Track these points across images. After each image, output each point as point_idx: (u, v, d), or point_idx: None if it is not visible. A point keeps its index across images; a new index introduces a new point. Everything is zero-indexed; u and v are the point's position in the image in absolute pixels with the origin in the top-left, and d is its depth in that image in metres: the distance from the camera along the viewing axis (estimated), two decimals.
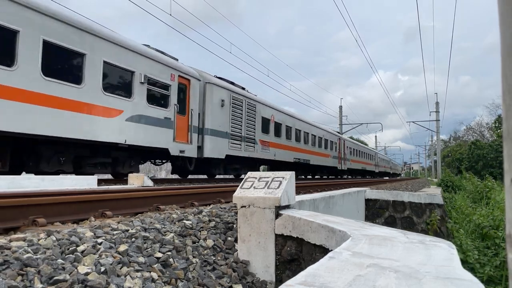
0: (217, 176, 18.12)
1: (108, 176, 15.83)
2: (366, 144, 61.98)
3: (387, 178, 51.90)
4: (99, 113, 9.71)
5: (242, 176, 19.59)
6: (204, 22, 17.34)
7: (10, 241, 2.54)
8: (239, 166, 17.72)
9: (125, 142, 10.49)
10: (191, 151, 13.36)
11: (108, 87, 10.09)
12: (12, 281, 2.03)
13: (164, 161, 14.42)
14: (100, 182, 9.40)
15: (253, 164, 19.09)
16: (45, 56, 8.46)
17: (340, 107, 48.07)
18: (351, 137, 53.89)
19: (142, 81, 11.08)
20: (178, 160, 13.70)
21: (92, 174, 10.21)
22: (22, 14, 7.99)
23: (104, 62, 9.87)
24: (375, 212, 9.39)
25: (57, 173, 9.35)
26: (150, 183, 8.75)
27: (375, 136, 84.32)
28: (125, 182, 9.78)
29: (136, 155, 12.00)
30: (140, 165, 13.23)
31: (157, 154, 13.11)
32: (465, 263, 9.21)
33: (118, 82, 10.53)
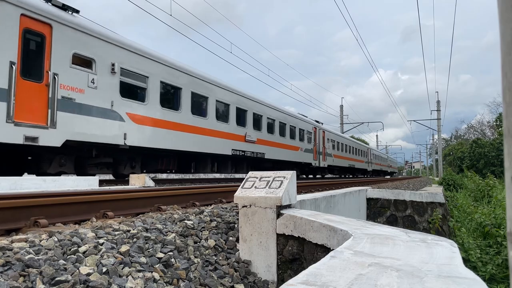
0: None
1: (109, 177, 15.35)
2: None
3: (388, 177, 51.26)
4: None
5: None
6: (204, 22, 17.36)
7: (12, 242, 2.55)
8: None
9: None
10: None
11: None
12: (14, 282, 2.03)
13: None
14: (101, 182, 9.42)
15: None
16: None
17: (341, 106, 48.09)
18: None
19: None
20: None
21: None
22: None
23: None
24: (377, 211, 9.38)
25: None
26: (151, 183, 8.76)
27: (376, 135, 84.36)
28: (127, 182, 9.78)
29: None
30: None
31: None
32: (467, 261, 9.20)
33: None
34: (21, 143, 7.94)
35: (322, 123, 29.77)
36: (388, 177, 52.66)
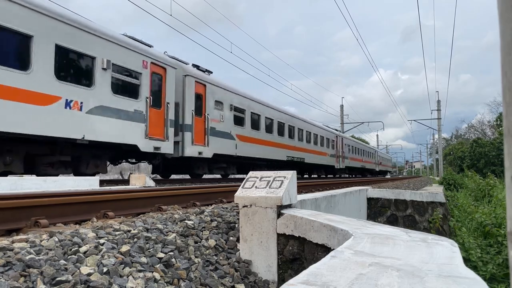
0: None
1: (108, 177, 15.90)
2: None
3: (388, 177, 51.49)
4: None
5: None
6: (204, 22, 17.36)
7: (13, 242, 2.55)
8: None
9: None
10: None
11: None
12: (15, 283, 2.03)
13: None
14: (102, 183, 9.42)
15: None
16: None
17: (341, 106, 48.07)
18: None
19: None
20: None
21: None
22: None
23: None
24: (377, 211, 9.38)
25: None
26: (152, 183, 8.76)
27: (377, 135, 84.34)
28: (127, 182, 9.79)
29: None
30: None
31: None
32: (467, 261, 9.20)
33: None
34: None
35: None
36: (388, 176, 53.09)
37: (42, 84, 8.43)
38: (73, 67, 9.34)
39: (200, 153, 13.74)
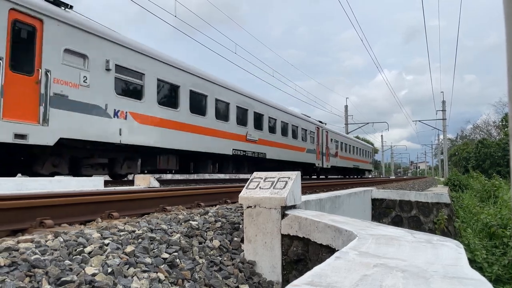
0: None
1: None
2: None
3: (393, 177, 50.73)
4: None
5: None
6: (208, 23, 17.40)
7: (18, 242, 2.56)
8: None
9: None
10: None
11: None
12: (20, 283, 2.04)
13: None
14: (106, 183, 9.45)
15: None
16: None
17: (346, 106, 47.95)
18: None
19: None
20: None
21: None
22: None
23: None
24: (382, 212, 9.35)
25: None
26: (156, 184, 8.78)
27: (381, 135, 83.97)
28: (132, 183, 9.82)
29: None
30: None
31: None
32: (473, 262, 9.14)
33: None
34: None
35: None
36: (393, 177, 52.08)
37: None
38: None
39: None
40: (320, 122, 28.63)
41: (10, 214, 3.47)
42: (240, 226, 4.01)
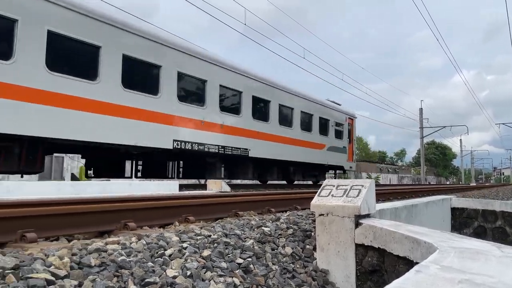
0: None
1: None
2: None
3: (474, 184, 47.29)
4: None
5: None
6: (277, 29, 17.56)
7: (106, 244, 2.76)
8: None
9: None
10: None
11: None
12: (109, 282, 2.20)
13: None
14: (180, 187, 9.88)
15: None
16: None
17: (421, 109, 45.61)
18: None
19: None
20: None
21: None
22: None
23: None
24: (463, 222, 8.77)
25: None
26: (227, 188, 9.01)
27: (460, 140, 78.60)
28: (204, 187, 10.17)
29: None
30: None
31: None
32: None
33: None
34: None
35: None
36: (474, 184, 48.60)
37: None
38: None
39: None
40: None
41: (98, 216, 3.76)
42: (312, 233, 3.99)
